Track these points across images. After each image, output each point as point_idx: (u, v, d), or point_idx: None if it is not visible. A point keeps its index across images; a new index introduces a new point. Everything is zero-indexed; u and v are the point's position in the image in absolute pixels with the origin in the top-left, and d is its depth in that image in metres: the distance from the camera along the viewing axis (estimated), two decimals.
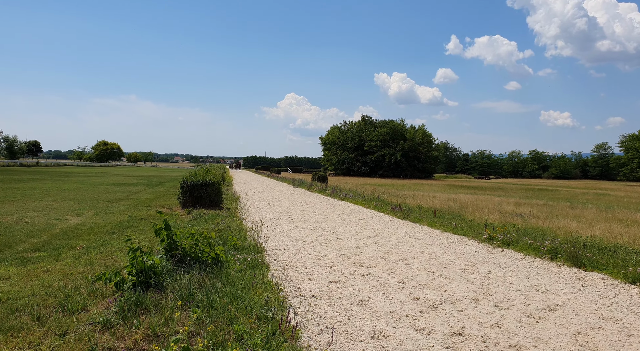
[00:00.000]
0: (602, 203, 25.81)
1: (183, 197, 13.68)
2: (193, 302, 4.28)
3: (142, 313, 4.14)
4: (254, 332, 3.74)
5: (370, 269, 7.29)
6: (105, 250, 7.85)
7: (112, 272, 4.81)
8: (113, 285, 4.76)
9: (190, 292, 4.46)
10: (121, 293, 4.56)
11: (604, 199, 31.02)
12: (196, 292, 4.48)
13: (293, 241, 9.80)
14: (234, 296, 4.45)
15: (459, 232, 11.00)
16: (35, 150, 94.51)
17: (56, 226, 10.53)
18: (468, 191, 36.29)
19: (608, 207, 21.75)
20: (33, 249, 7.95)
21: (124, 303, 4.20)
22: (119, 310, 4.11)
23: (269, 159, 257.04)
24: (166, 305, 4.27)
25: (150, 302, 4.26)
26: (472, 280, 6.72)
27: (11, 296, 5.07)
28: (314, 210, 16.58)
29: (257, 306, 4.30)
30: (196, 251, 5.59)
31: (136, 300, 4.24)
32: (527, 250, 8.58)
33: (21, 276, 6.05)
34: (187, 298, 4.35)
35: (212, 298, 4.29)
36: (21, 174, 37.30)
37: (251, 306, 4.23)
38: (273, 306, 4.37)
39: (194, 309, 4.01)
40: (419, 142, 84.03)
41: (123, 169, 73.90)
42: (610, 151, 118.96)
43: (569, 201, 26.48)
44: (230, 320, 3.90)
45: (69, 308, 4.47)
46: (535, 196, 33.23)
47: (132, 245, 4.87)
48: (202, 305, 4.26)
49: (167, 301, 4.32)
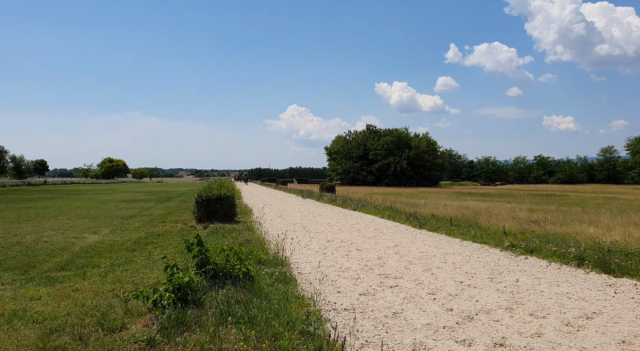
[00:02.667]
0: (614, 207, 25.62)
1: (198, 211, 13.70)
2: (233, 318, 4.27)
3: (184, 330, 4.13)
4: (300, 348, 3.72)
5: (397, 281, 7.25)
6: (130, 268, 7.85)
7: (150, 289, 4.81)
8: (150, 303, 4.75)
9: (229, 308, 4.45)
10: (161, 310, 4.55)
11: (615, 203, 30.81)
12: (235, 308, 4.47)
13: (313, 253, 9.77)
14: (272, 311, 4.43)
15: (479, 240, 10.94)
16: (42, 169, 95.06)
17: (75, 245, 10.56)
18: (477, 198, 36.16)
19: (621, 211, 21.59)
20: (58, 268, 7.96)
21: (165, 320, 4.19)
22: (162, 328, 4.10)
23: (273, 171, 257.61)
24: (207, 321, 4.26)
25: (192, 319, 4.25)
26: (501, 289, 6.67)
27: (47, 316, 5.08)
28: (327, 221, 16.55)
29: (298, 321, 4.28)
30: (228, 267, 5.58)
31: (177, 317, 4.23)
32: (552, 257, 8.51)
33: (52, 296, 6.06)
34: (227, 314, 4.34)
35: (253, 314, 4.28)
36: (31, 193, 37.49)
37: (292, 321, 4.21)
38: (313, 320, 4.34)
39: (238, 326, 3.99)
40: (424, 150, 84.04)
41: (130, 185, 74.18)
42: (616, 155, 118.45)
43: (580, 206, 26.32)
44: (274, 336, 3.89)
45: (108, 327, 4.47)
46: (545, 201, 33.06)
47: (168, 262, 4.87)
48: (243, 320, 4.24)
49: (207, 318, 4.30)
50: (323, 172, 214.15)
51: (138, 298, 4.77)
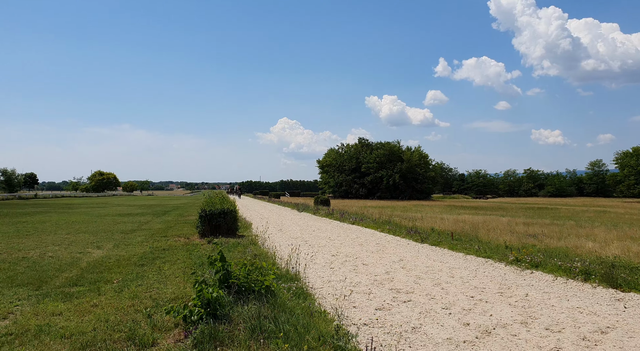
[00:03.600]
0: (607, 221, 26.01)
1: (202, 226, 13.74)
2: (264, 333, 4.36)
3: (218, 345, 4.21)
4: None
5: (409, 296, 7.37)
6: (144, 283, 7.89)
7: (180, 305, 4.89)
8: (181, 318, 4.82)
9: (259, 323, 4.54)
10: (191, 325, 4.62)
11: (606, 217, 31.25)
12: (265, 323, 4.56)
13: (320, 268, 9.87)
14: (302, 326, 4.53)
15: (483, 254, 11.11)
16: (31, 182, 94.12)
17: (82, 260, 10.54)
18: (470, 212, 36.44)
19: (615, 225, 21.95)
20: (70, 284, 7.97)
21: (199, 335, 4.27)
22: (196, 343, 4.18)
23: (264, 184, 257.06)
24: (239, 336, 4.35)
25: (224, 334, 4.33)
26: (513, 304, 6.82)
27: (74, 332, 5.12)
28: (327, 235, 16.64)
29: (328, 335, 4.39)
30: (249, 281, 5.68)
31: (210, 332, 4.31)
32: (557, 271, 8.70)
33: (72, 311, 6.09)
34: (259, 329, 4.43)
35: (286, 329, 4.38)
36: (23, 207, 37.13)
37: (323, 336, 4.31)
38: (342, 335, 4.45)
39: (275, 340, 4.09)
40: (416, 164, 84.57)
41: (122, 199, 73.64)
42: (604, 168, 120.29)
43: (573, 220, 26.68)
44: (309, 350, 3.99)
45: (140, 342, 4.54)
46: (537, 215, 33.43)
47: (197, 278, 4.96)
48: (274, 335, 4.33)
49: (239, 332, 4.39)
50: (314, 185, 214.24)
51: (169, 313, 4.84)
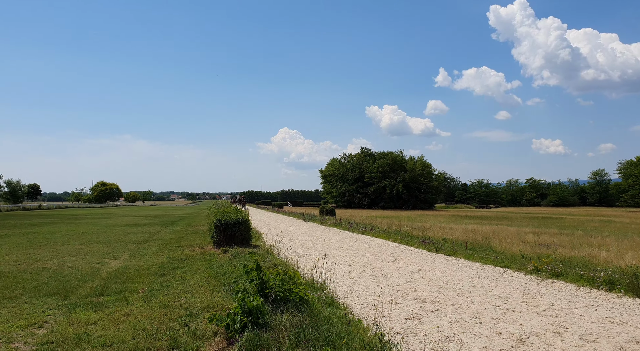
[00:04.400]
0: (614, 231, 26.03)
1: (217, 236, 13.79)
2: (309, 341, 4.41)
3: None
4: None
5: (435, 305, 7.41)
6: (170, 292, 7.93)
7: (223, 313, 4.94)
8: (223, 326, 4.87)
9: (304, 331, 4.59)
10: (237, 333, 4.67)
11: (612, 227, 31.25)
12: (309, 331, 4.61)
13: (340, 278, 9.89)
14: (346, 334, 4.58)
15: (501, 264, 11.14)
16: (34, 193, 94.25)
17: (101, 270, 10.59)
18: (476, 222, 36.45)
19: (624, 235, 21.99)
20: (96, 293, 8.01)
21: (245, 343, 4.32)
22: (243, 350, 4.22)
23: (265, 194, 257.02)
24: (284, 343, 4.39)
25: (271, 341, 4.38)
26: (541, 313, 6.85)
27: (114, 340, 5.17)
28: (339, 245, 16.67)
29: (372, 343, 4.43)
30: (284, 291, 5.73)
31: (256, 340, 4.37)
32: (580, 281, 8.73)
33: (105, 321, 6.14)
34: (303, 337, 4.48)
35: (332, 337, 4.42)
36: (30, 218, 37.18)
37: (368, 344, 4.36)
38: (385, 343, 4.49)
39: (325, 348, 4.13)
40: (419, 173, 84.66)
41: (125, 209, 73.68)
42: (607, 178, 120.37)
43: (581, 230, 26.69)
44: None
45: (185, 349, 4.58)
46: (543, 224, 33.43)
47: (238, 286, 5.01)
48: (319, 343, 4.37)
49: (284, 340, 4.44)
50: (316, 194, 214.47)
51: (212, 321, 4.89)
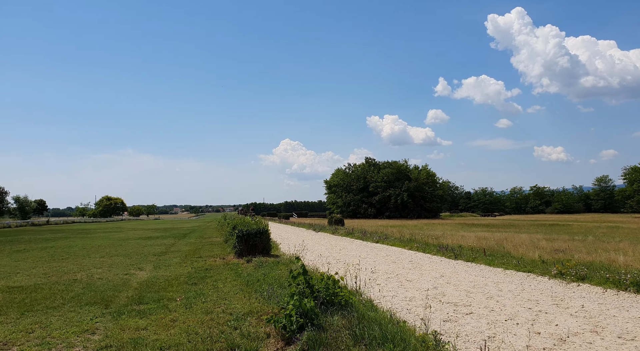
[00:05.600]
0: (624, 236, 26.15)
1: (239, 246, 13.99)
2: (366, 339, 4.61)
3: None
4: None
5: (468, 308, 7.59)
6: (207, 299, 8.13)
7: (281, 315, 5.16)
8: (280, 326, 5.07)
9: (361, 331, 4.80)
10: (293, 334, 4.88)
11: (621, 232, 31.31)
12: (363, 330, 4.82)
13: (367, 284, 10.07)
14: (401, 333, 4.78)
15: (523, 269, 11.31)
16: (41, 209, 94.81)
17: (131, 281, 10.79)
18: (484, 229, 36.56)
19: (636, 240, 22.13)
20: (134, 302, 8.21)
21: (305, 342, 4.53)
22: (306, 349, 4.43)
23: (269, 205, 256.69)
24: (342, 342, 4.60)
25: (330, 340, 4.59)
26: (574, 314, 7.04)
27: (170, 343, 5.38)
28: (356, 253, 16.86)
29: (428, 341, 4.63)
30: (330, 294, 5.94)
31: (316, 339, 4.58)
32: (606, 284, 8.91)
33: (155, 326, 6.34)
34: (360, 336, 4.68)
35: (390, 337, 4.63)
36: (42, 233, 37.42)
37: (425, 342, 4.56)
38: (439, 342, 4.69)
39: (387, 345, 4.34)
40: (424, 182, 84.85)
41: (132, 223, 73.88)
42: (611, 184, 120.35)
43: (592, 236, 26.80)
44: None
45: (245, 350, 4.79)
46: (551, 231, 33.52)
47: (292, 290, 5.23)
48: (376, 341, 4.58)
49: (342, 339, 4.64)
50: (319, 205, 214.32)
51: (269, 322, 5.11)
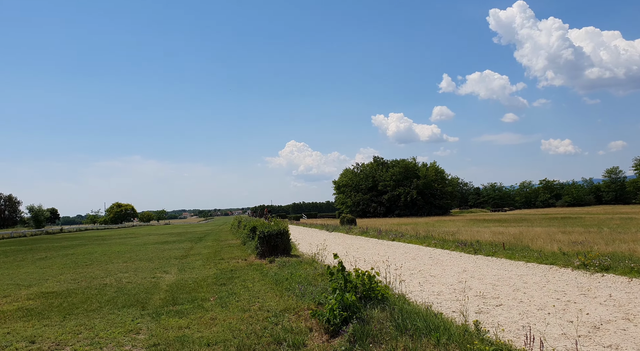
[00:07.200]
0: (639, 227, 26.07)
1: (261, 246, 14.22)
2: (410, 330, 4.79)
3: (371, 341, 4.66)
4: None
5: (497, 300, 7.74)
6: (241, 299, 8.33)
7: (325, 309, 5.36)
8: (325, 320, 5.27)
9: (403, 321, 4.99)
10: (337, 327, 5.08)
11: (634, 223, 31.14)
12: (406, 321, 5.00)
13: (392, 280, 10.23)
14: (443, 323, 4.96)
15: (545, 261, 11.43)
16: (53, 217, 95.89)
17: (159, 284, 11.04)
18: (497, 224, 36.53)
19: None
20: (169, 303, 8.44)
21: (351, 333, 4.72)
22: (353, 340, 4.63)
23: (277, 207, 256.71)
24: (386, 333, 4.78)
25: (376, 332, 4.78)
26: (603, 303, 7.16)
27: (217, 340, 5.60)
28: (375, 251, 17.02)
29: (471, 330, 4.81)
30: (367, 289, 6.13)
31: (362, 330, 4.78)
32: (631, 273, 9.01)
33: (196, 325, 6.57)
34: (403, 327, 4.86)
35: (432, 326, 4.81)
36: (58, 241, 37.94)
37: (468, 331, 4.73)
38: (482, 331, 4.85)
39: (431, 335, 4.52)
40: (433, 179, 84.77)
41: (144, 229, 74.50)
42: (621, 175, 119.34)
43: (607, 227, 26.76)
44: (461, 343, 4.41)
45: (292, 343, 5.04)
46: (565, 224, 33.44)
47: (334, 285, 5.42)
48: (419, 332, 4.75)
49: (387, 331, 4.83)
50: (328, 206, 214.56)
51: (314, 316, 5.33)
